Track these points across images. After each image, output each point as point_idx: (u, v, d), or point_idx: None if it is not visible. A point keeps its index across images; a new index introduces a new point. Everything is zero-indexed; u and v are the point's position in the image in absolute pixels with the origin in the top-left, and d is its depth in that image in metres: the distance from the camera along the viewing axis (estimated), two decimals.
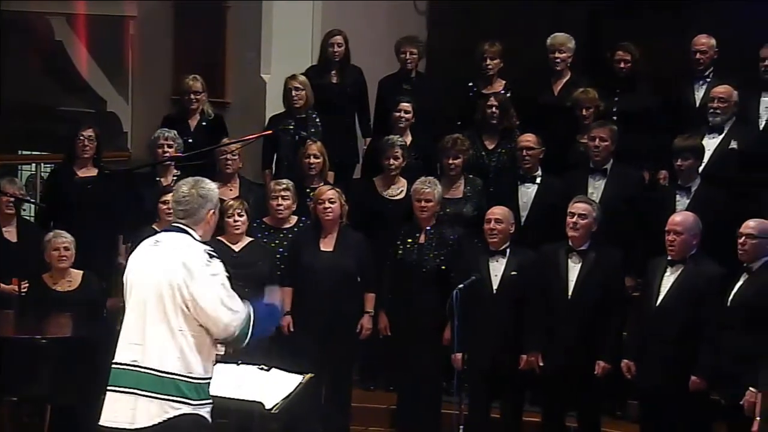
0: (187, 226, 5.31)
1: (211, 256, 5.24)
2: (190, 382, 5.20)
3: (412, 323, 7.93)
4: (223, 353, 5.54)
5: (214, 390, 5.38)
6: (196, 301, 5.18)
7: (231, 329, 5.25)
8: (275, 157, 9.12)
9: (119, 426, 5.22)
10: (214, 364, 5.37)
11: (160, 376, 5.18)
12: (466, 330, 7.30)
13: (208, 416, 5.28)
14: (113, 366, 5.29)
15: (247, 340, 5.33)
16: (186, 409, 5.19)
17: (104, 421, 5.28)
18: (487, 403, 7.82)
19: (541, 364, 7.59)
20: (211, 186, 5.38)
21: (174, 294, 5.19)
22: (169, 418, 5.17)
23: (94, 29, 10.23)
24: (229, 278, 5.29)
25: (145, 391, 5.18)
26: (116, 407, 5.24)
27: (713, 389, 7.18)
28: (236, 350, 5.53)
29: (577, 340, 7.47)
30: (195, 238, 5.30)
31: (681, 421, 7.19)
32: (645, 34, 9.42)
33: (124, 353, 5.26)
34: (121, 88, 10.47)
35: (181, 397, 5.19)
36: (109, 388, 5.29)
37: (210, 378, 5.31)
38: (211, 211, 5.35)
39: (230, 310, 5.23)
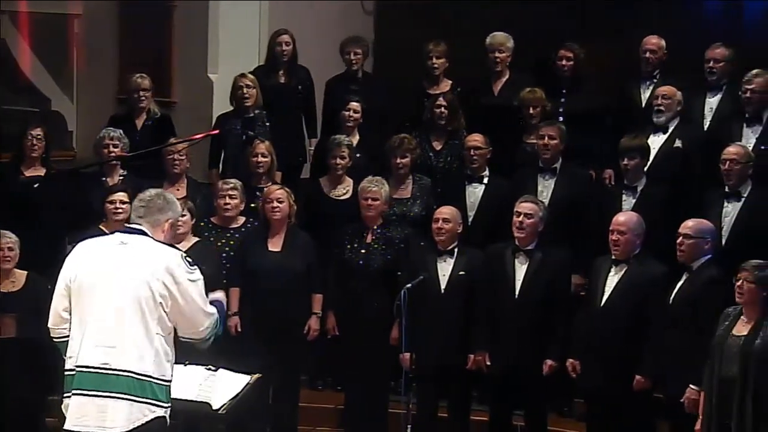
0: (145, 227, 5.28)
1: (191, 263, 5.26)
2: (162, 385, 5.21)
3: (359, 323, 7.94)
4: None
5: None
6: (179, 305, 5.19)
7: (206, 331, 5.33)
8: (222, 156, 9.09)
9: (89, 430, 5.16)
10: None
11: (139, 378, 5.15)
12: (413, 330, 7.32)
13: (169, 419, 5.29)
14: (78, 369, 5.21)
15: (211, 341, 5.39)
16: (160, 413, 5.21)
17: (71, 425, 5.20)
18: (435, 402, 7.83)
19: (489, 363, 7.62)
20: (177, 202, 5.44)
21: (155, 297, 5.17)
22: (148, 422, 5.16)
23: (39, 27, 10.12)
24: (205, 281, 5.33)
25: (122, 393, 5.14)
26: (84, 411, 5.17)
27: (657, 388, 7.25)
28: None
29: (524, 339, 7.50)
30: (154, 240, 5.28)
31: (626, 419, 7.24)
32: (591, 34, 9.49)
33: (92, 356, 5.18)
34: (65, 87, 10.37)
35: (156, 400, 5.19)
36: (73, 391, 5.21)
37: (171, 379, 5.32)
38: (170, 221, 5.35)
39: (208, 315, 5.31)
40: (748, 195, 7.68)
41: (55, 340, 5.40)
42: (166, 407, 5.23)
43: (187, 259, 5.28)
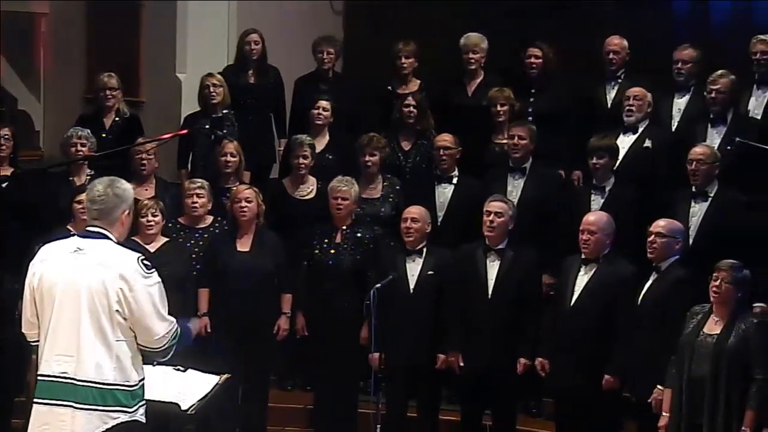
0: (103, 228, 5.22)
1: (148, 267, 5.18)
2: (127, 390, 5.16)
3: (329, 323, 7.93)
4: None
5: None
6: (133, 312, 5.12)
7: (164, 341, 5.21)
8: (191, 156, 9.05)
9: None
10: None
11: (99, 387, 5.11)
12: (383, 329, 7.32)
13: (143, 418, 5.24)
14: (39, 378, 5.18)
15: (170, 355, 5.30)
16: (123, 418, 5.15)
17: None
18: (405, 402, 7.84)
19: (462, 363, 7.62)
20: (126, 186, 5.31)
21: (110, 305, 5.11)
22: (107, 429, 5.12)
23: (5, 26, 10.05)
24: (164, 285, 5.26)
25: (83, 403, 5.10)
26: (45, 420, 5.14)
27: (625, 387, 7.27)
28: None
29: (497, 338, 7.52)
30: (114, 242, 5.22)
31: (594, 418, 7.26)
32: (559, 35, 9.52)
33: (52, 365, 5.14)
34: (32, 87, 10.30)
35: (119, 406, 5.14)
36: (36, 400, 5.18)
37: (143, 378, 5.26)
38: (126, 212, 5.27)
39: (165, 321, 5.20)
40: (714, 195, 7.73)
41: (31, 344, 5.36)
42: (131, 411, 5.18)
43: (145, 262, 5.18)
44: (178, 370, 6.12)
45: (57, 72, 10.19)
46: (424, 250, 7.77)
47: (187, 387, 6.05)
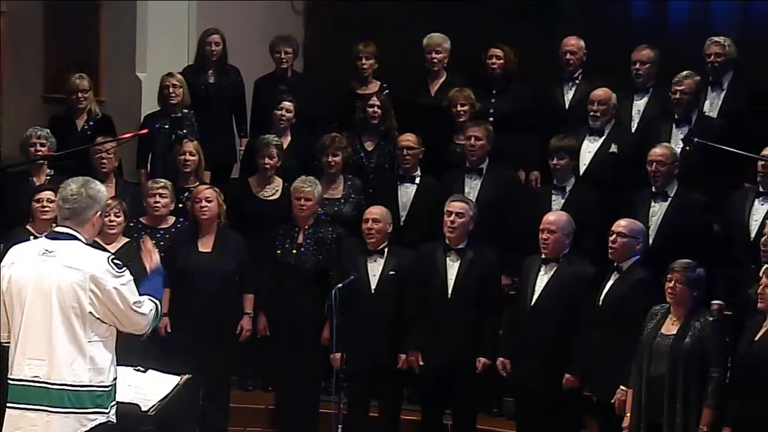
0: (73, 229, 5.20)
1: (119, 266, 5.19)
2: (102, 391, 5.16)
3: (290, 323, 7.92)
4: None
5: None
6: (110, 311, 5.13)
7: (146, 328, 5.30)
8: (151, 156, 9.02)
9: None
10: None
11: (74, 390, 5.10)
12: (344, 329, 7.33)
13: (114, 418, 5.25)
14: (11, 382, 5.15)
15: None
16: (101, 419, 5.16)
17: None
18: (366, 402, 7.85)
19: (421, 363, 7.64)
20: (99, 187, 5.32)
21: (83, 307, 5.10)
22: (87, 431, 5.12)
23: None
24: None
25: (57, 407, 5.08)
26: (19, 424, 5.12)
27: (586, 386, 7.31)
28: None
29: (456, 337, 7.53)
30: (83, 243, 5.20)
31: (555, 417, 7.30)
32: (520, 35, 9.56)
33: (24, 369, 5.12)
34: None
35: (96, 407, 5.14)
36: (8, 405, 5.15)
37: (116, 377, 5.28)
38: (98, 213, 5.26)
39: (142, 314, 5.24)
40: (674, 195, 7.77)
41: (5, 345, 5.34)
42: (106, 412, 5.19)
43: (115, 261, 5.20)
44: (139, 370, 6.10)
45: (15, 72, 10.08)
46: (386, 250, 7.78)
47: (147, 387, 6.03)
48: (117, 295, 5.14)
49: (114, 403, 5.25)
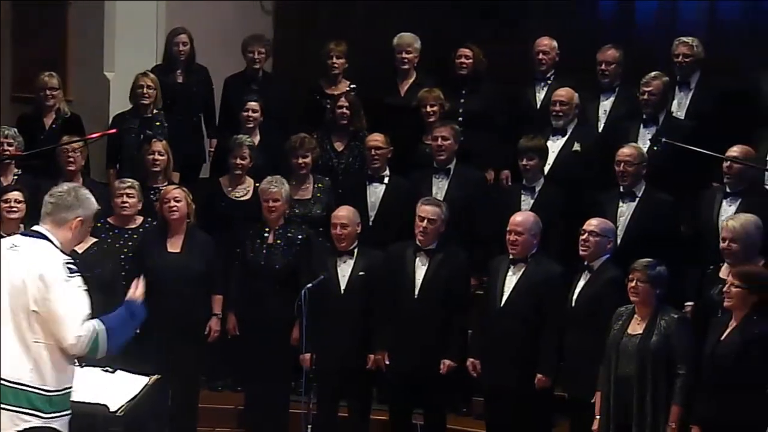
0: (48, 228, 5.15)
1: (72, 271, 5.09)
2: (42, 394, 5.08)
3: (260, 323, 7.91)
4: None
5: None
6: (49, 314, 5.04)
7: (76, 347, 5.09)
8: (119, 156, 8.98)
9: None
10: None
11: (13, 387, 5.05)
12: (314, 330, 7.32)
13: (63, 428, 5.16)
14: None
15: (102, 352, 5.18)
16: (36, 422, 5.08)
17: None
18: (335, 402, 7.84)
19: (388, 362, 7.64)
20: (90, 196, 5.25)
21: (29, 305, 5.04)
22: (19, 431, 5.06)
23: None
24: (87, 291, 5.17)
25: None
26: None
27: (558, 385, 7.33)
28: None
29: (423, 338, 7.54)
30: (55, 245, 5.14)
31: (525, 417, 7.31)
32: (489, 35, 9.58)
33: None
34: None
35: (32, 409, 5.07)
36: None
37: (68, 388, 5.18)
38: (79, 219, 5.18)
39: (80, 327, 5.07)
40: (642, 195, 7.80)
41: None
42: (46, 417, 5.09)
43: (69, 266, 5.10)
44: (107, 371, 6.08)
45: None
46: (356, 251, 7.78)
47: (115, 388, 6.01)
48: (60, 298, 5.03)
49: (64, 413, 5.14)
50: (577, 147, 8.40)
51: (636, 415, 6.58)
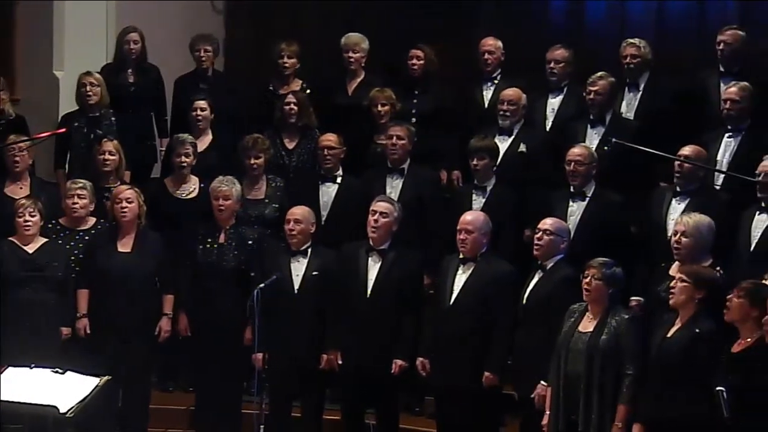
0: None
1: None
2: None
3: (211, 323, 7.89)
4: None
5: (6, 395, 5.23)
6: None
7: None
8: (68, 156, 8.92)
9: None
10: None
11: None
12: (267, 330, 7.31)
13: None
14: None
15: None
16: None
17: None
18: (288, 402, 7.84)
19: (340, 362, 7.65)
20: None
21: None
22: None
23: None
24: None
25: None
26: None
27: (506, 384, 7.37)
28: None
29: (375, 338, 7.55)
30: None
31: (474, 415, 7.35)
32: (439, 35, 9.60)
33: None
34: None
35: None
36: None
37: None
38: None
39: None
40: (592, 195, 7.85)
41: None
42: None
43: None
44: (57, 372, 6.05)
45: None
46: (309, 250, 7.78)
47: (65, 389, 5.98)
48: None
49: None
50: (522, 148, 8.43)
51: (582, 411, 6.62)
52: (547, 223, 7.24)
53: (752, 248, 7.23)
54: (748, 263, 7.11)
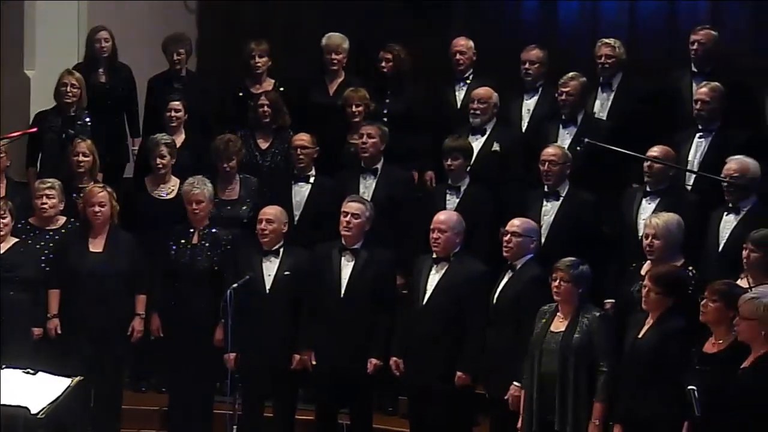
0: None
1: None
2: None
3: (184, 324, 7.87)
4: None
5: None
6: None
7: None
8: (40, 155, 8.87)
9: None
10: None
11: None
12: (239, 330, 7.31)
13: None
14: None
15: None
16: None
17: None
18: (261, 402, 7.83)
19: (314, 362, 7.64)
20: None
21: None
22: None
23: None
24: None
25: None
26: None
27: (479, 384, 7.38)
28: None
29: (349, 337, 7.56)
30: None
31: (447, 415, 7.35)
32: (413, 35, 9.61)
33: None
34: None
35: None
36: None
37: None
38: None
39: None
40: (565, 195, 7.87)
41: None
42: None
43: None
44: (28, 373, 6.03)
45: None
46: (281, 250, 7.78)
47: (37, 390, 5.96)
48: None
49: None
50: (496, 147, 8.45)
51: (558, 411, 6.64)
52: (515, 224, 7.25)
53: (720, 249, 7.28)
54: (716, 263, 7.14)
